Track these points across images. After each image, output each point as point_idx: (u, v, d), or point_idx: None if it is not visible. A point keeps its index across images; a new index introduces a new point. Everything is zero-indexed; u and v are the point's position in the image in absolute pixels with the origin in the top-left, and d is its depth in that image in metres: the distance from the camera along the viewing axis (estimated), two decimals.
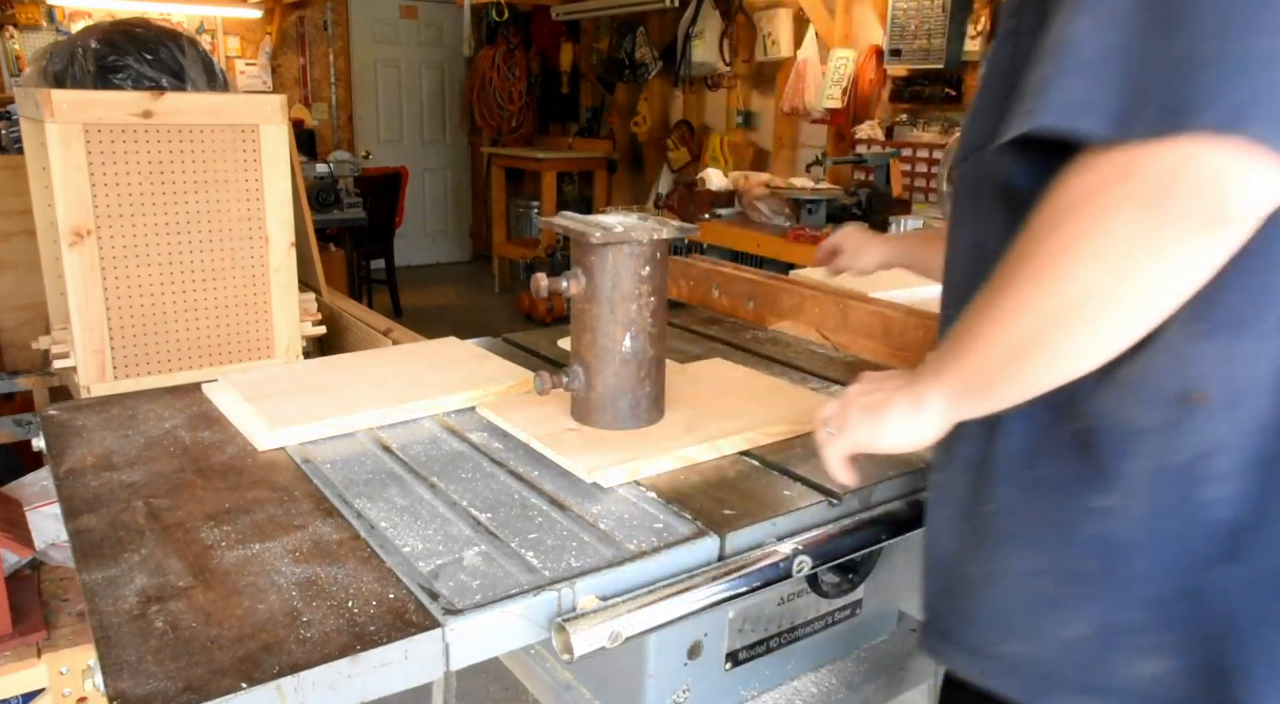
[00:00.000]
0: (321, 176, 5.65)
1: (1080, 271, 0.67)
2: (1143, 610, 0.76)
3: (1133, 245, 0.65)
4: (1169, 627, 0.75)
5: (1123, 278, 0.66)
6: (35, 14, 6.07)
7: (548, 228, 1.17)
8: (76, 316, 1.89)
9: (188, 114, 1.93)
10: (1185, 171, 0.62)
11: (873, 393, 0.89)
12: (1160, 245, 0.64)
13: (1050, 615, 0.80)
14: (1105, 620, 0.77)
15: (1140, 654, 0.76)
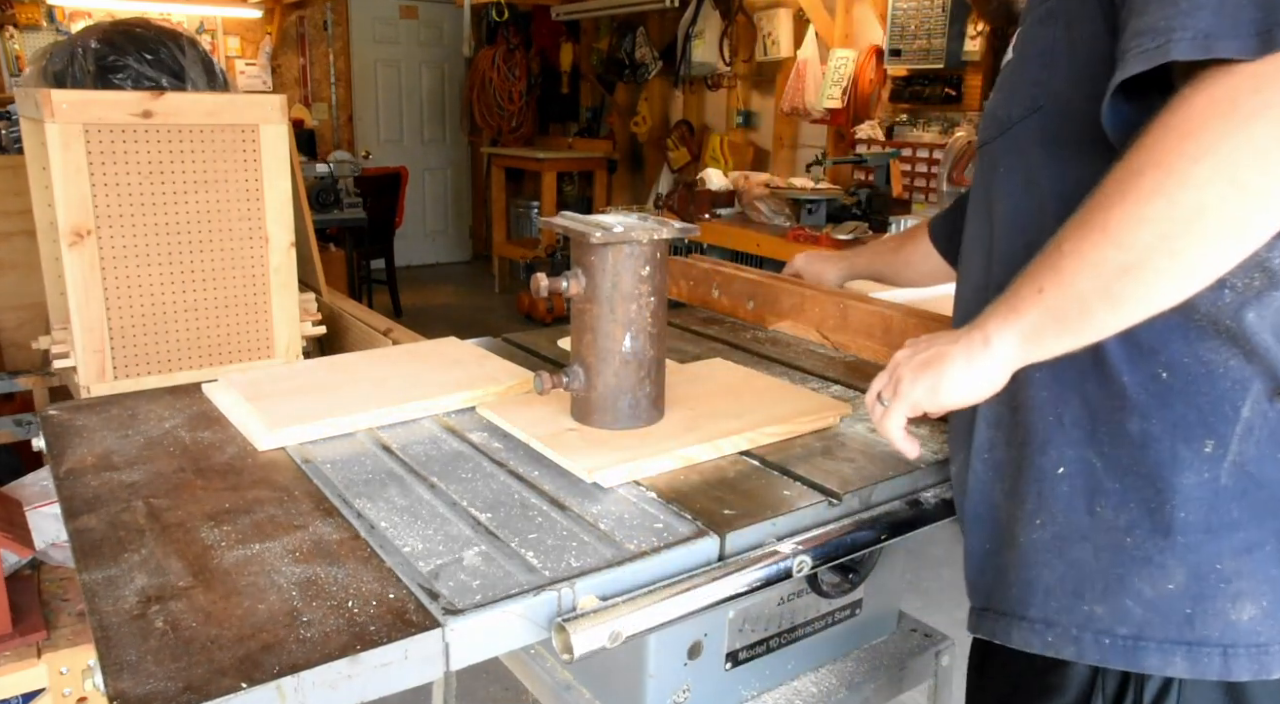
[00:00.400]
0: (321, 176, 5.66)
1: (1205, 180, 0.65)
2: (1236, 557, 0.76)
3: (1266, 154, 0.63)
4: (1262, 568, 0.76)
5: (1247, 187, 0.64)
6: (35, 14, 6.07)
7: (548, 228, 1.17)
8: (76, 317, 1.89)
9: (188, 114, 1.93)
10: None
11: (924, 350, 0.87)
12: None
13: (1142, 571, 0.79)
14: (1200, 571, 0.77)
15: (1235, 600, 0.76)
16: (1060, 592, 0.83)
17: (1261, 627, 0.77)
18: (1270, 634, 0.77)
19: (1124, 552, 0.80)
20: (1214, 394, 0.77)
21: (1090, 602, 0.81)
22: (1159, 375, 0.78)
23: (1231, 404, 0.77)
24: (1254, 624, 0.77)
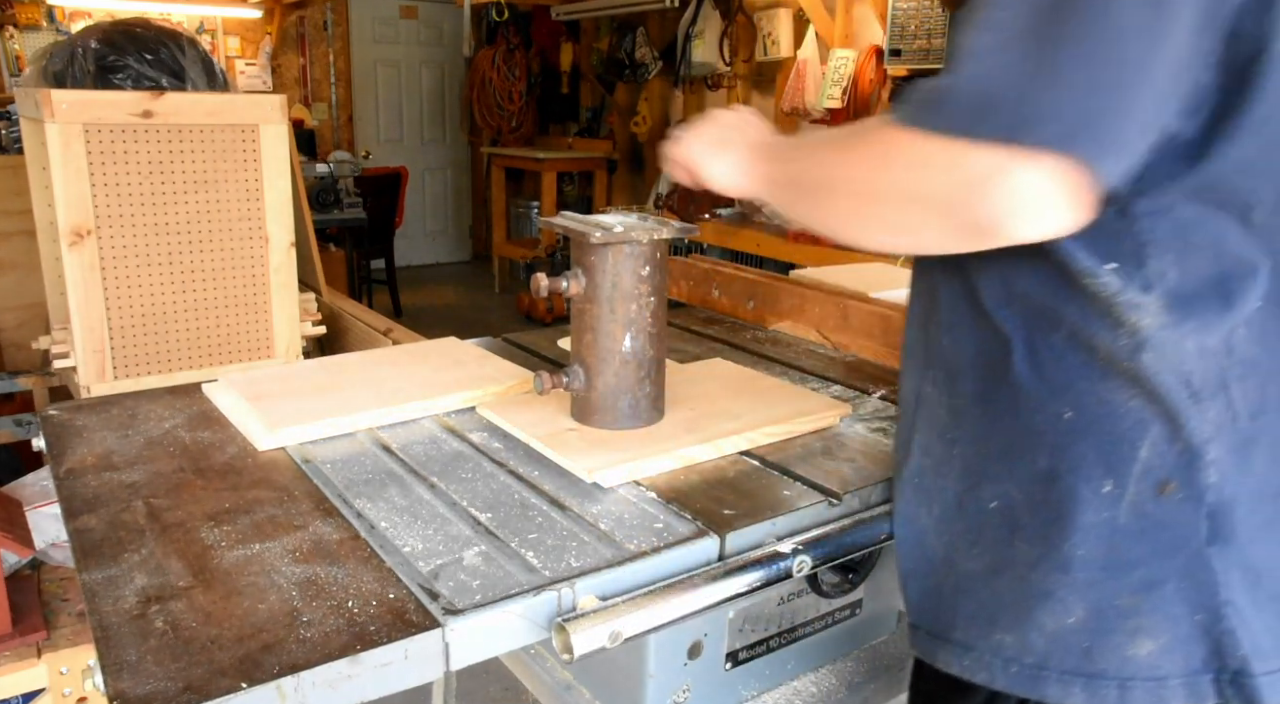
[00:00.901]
0: (321, 176, 5.66)
1: (859, 175, 0.82)
2: (1135, 594, 0.79)
3: (909, 203, 0.77)
4: (1161, 607, 0.78)
5: (862, 195, 0.82)
6: (35, 14, 6.07)
7: (548, 228, 1.17)
8: (76, 317, 1.89)
9: (188, 114, 1.93)
10: (987, 184, 0.70)
11: (729, 138, 1.03)
12: (925, 218, 0.76)
13: (1044, 605, 0.82)
14: (1099, 606, 0.80)
15: (1133, 636, 0.79)
16: (978, 619, 0.87)
17: (1160, 661, 0.79)
18: (1169, 668, 0.79)
19: (1029, 584, 0.83)
20: (1114, 434, 0.79)
21: (1001, 630, 0.84)
22: (1064, 414, 0.81)
23: (1130, 445, 0.79)
24: (1152, 659, 0.79)
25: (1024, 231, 0.72)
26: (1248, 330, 0.78)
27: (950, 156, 0.72)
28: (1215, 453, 0.78)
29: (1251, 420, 0.78)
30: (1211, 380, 0.78)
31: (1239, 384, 0.78)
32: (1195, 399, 0.77)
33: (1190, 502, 0.78)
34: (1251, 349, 0.78)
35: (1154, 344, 0.77)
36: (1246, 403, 0.78)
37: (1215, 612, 0.78)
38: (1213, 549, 0.78)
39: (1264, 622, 0.79)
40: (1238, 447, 0.78)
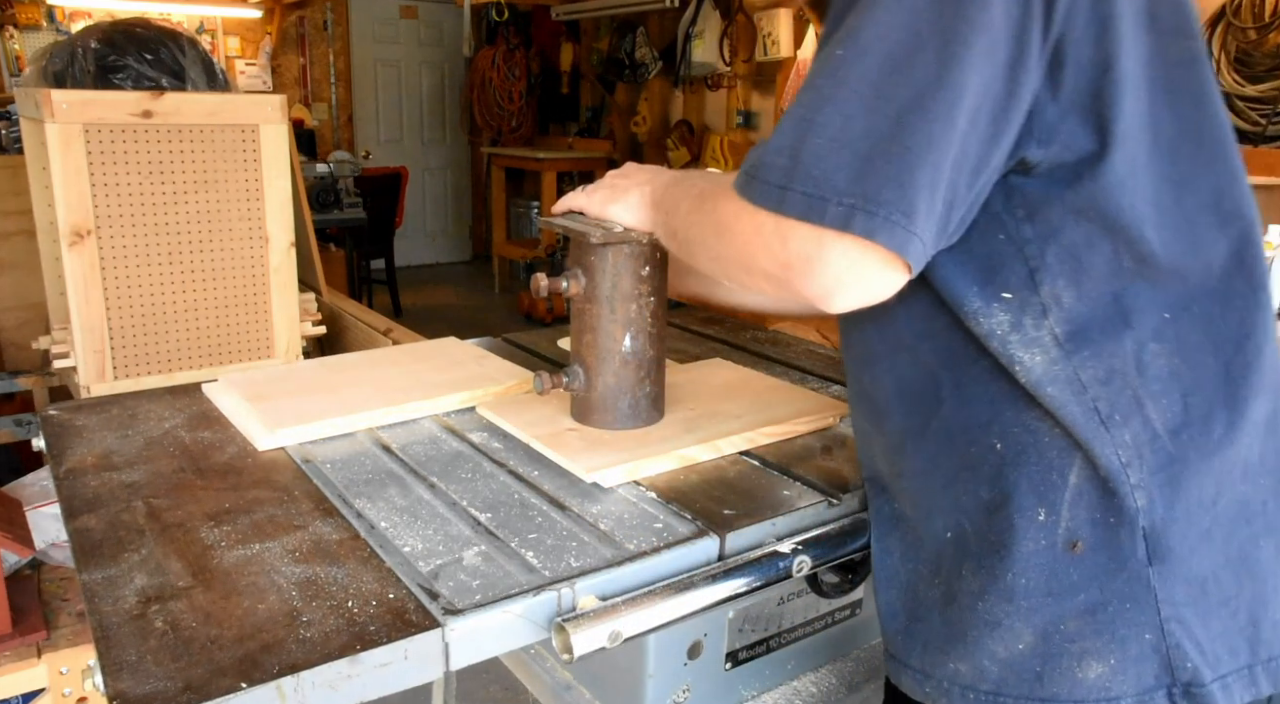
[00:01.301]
0: (321, 176, 5.66)
1: (710, 237, 0.86)
2: (1079, 618, 0.80)
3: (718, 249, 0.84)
4: (1106, 629, 0.79)
5: (717, 258, 0.86)
6: (35, 14, 6.07)
7: (548, 228, 1.17)
8: (76, 317, 1.89)
9: (188, 114, 1.93)
10: (807, 263, 0.74)
11: (623, 186, 1.07)
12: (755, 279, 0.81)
13: (994, 633, 0.82)
14: (1045, 631, 0.80)
15: (1081, 659, 0.79)
16: (932, 647, 0.88)
17: (1110, 683, 0.79)
18: (1120, 689, 0.79)
19: (977, 614, 0.83)
20: (1042, 464, 0.80)
21: (955, 659, 0.85)
22: (995, 446, 0.82)
23: (1059, 473, 0.80)
24: (1102, 680, 0.79)
25: (848, 303, 0.75)
26: (1160, 345, 0.78)
27: (773, 234, 0.75)
28: (1138, 476, 0.78)
29: (1174, 437, 0.78)
30: (1123, 403, 0.78)
31: (1155, 402, 0.78)
32: (1106, 425, 0.78)
33: (1123, 526, 0.78)
34: (1168, 363, 0.78)
35: (1053, 377, 0.78)
36: (1166, 420, 0.78)
37: (1160, 629, 0.78)
38: (1152, 569, 0.78)
39: (1212, 629, 0.79)
40: (1163, 465, 0.78)
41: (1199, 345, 0.79)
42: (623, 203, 1.06)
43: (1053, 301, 0.77)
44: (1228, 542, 0.80)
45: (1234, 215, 0.80)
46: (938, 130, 0.70)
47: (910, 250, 0.71)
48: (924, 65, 0.70)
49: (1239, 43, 3.48)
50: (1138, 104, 0.75)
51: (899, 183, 0.70)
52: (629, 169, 1.12)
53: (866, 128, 0.71)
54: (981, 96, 0.71)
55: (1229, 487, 0.80)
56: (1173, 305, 0.78)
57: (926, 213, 0.71)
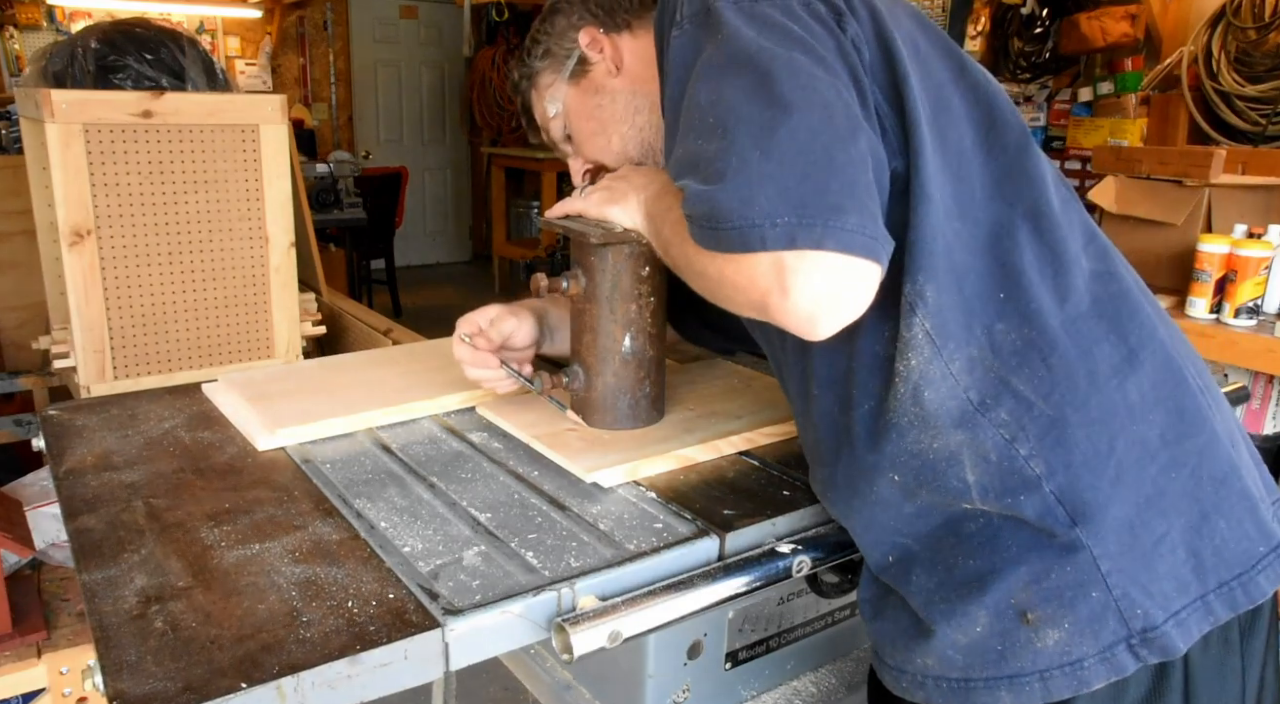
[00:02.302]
0: (321, 176, 5.66)
1: (690, 274, 0.88)
2: (1025, 589, 0.82)
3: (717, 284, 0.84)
4: (1053, 596, 0.81)
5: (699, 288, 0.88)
6: (35, 14, 6.07)
7: (548, 228, 1.17)
8: (76, 317, 1.89)
9: (188, 114, 1.93)
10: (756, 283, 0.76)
11: (620, 190, 1.09)
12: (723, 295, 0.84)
13: (950, 622, 0.84)
14: (997, 609, 0.83)
15: (1036, 629, 0.81)
16: (901, 645, 0.90)
17: (1070, 646, 0.81)
18: (1080, 650, 0.81)
19: (934, 609, 0.86)
20: (938, 478, 0.85)
21: (922, 655, 0.87)
22: (894, 478, 0.88)
23: (958, 477, 0.84)
24: (1060, 646, 0.81)
25: (834, 321, 0.76)
26: (1005, 323, 0.82)
27: (736, 275, 0.78)
28: (1027, 448, 0.81)
29: (1047, 400, 0.81)
30: (990, 384, 0.82)
31: (1017, 374, 0.82)
32: (980, 410, 0.82)
33: (1034, 496, 0.81)
34: (1020, 335, 0.82)
35: (929, 379, 0.82)
36: (1034, 387, 0.82)
37: (1104, 584, 0.80)
38: (1078, 529, 0.80)
39: (1155, 569, 0.81)
40: (1047, 430, 0.81)
41: (1038, 310, 0.82)
42: (621, 205, 1.07)
43: (918, 297, 0.82)
44: (1139, 483, 0.82)
45: (1020, 193, 0.86)
46: (829, 141, 0.74)
47: (860, 246, 0.73)
48: (788, 93, 0.75)
49: (1239, 43, 3.48)
50: (925, 112, 0.84)
51: (820, 191, 0.73)
52: (626, 171, 1.12)
53: (765, 155, 0.74)
54: (848, 107, 0.77)
55: (1121, 431, 0.82)
56: (1002, 284, 0.83)
57: (857, 211, 0.73)
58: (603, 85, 1.13)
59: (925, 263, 0.81)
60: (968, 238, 0.84)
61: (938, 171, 0.83)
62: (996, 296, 0.83)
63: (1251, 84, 3.45)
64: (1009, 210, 0.85)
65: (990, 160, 0.87)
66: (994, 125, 0.89)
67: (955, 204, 0.84)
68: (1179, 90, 3.66)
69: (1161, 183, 2.56)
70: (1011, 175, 0.87)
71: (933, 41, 0.92)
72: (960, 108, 0.89)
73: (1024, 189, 0.87)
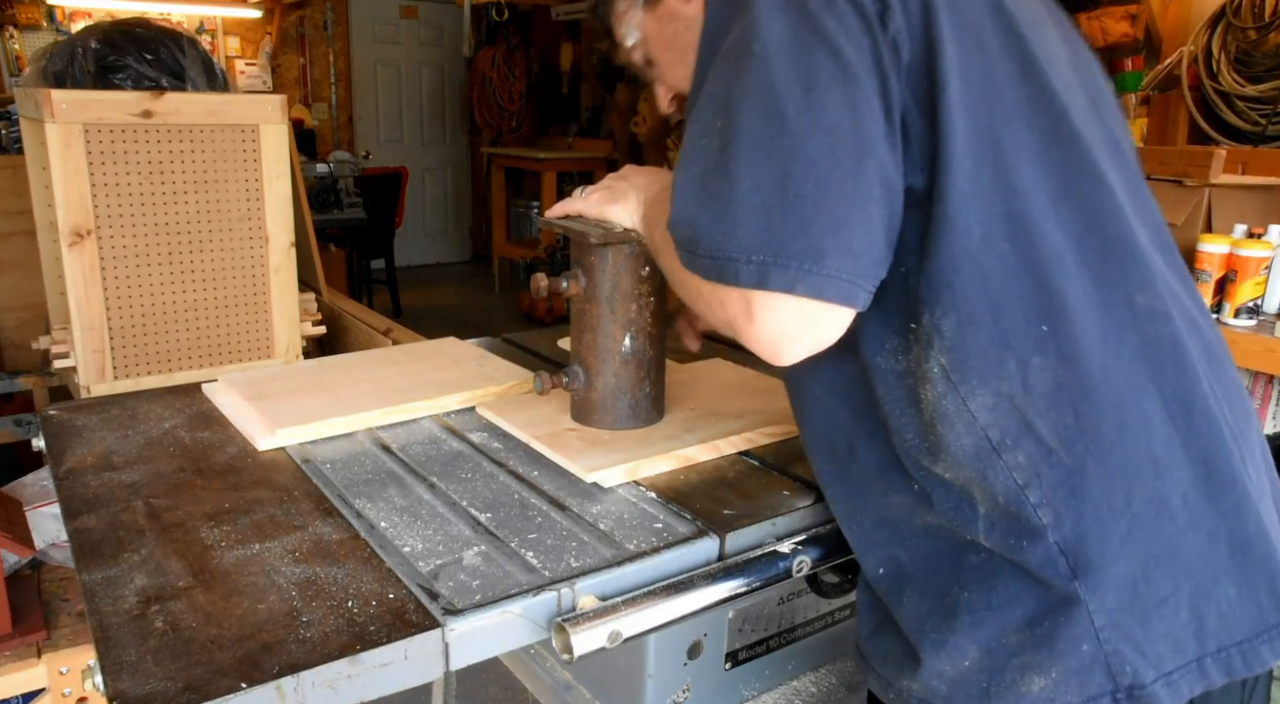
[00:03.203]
0: (321, 176, 5.66)
1: (675, 283, 0.91)
2: (1019, 631, 0.80)
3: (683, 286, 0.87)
4: (1045, 643, 0.79)
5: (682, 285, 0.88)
6: (35, 14, 6.06)
7: (547, 228, 1.17)
8: (76, 316, 1.89)
9: (188, 114, 1.93)
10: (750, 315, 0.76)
11: (621, 189, 1.09)
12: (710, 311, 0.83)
13: (939, 653, 0.83)
14: (989, 646, 0.81)
15: (1023, 672, 0.80)
16: (891, 661, 0.89)
17: (1054, 695, 0.79)
18: (1064, 700, 0.79)
19: (924, 636, 0.84)
20: (950, 502, 0.82)
21: (908, 678, 0.86)
22: (914, 488, 0.85)
23: (970, 505, 0.81)
24: (1045, 693, 0.79)
25: (796, 355, 0.77)
26: (1044, 358, 0.77)
27: (711, 297, 0.78)
28: (1038, 495, 0.77)
29: (1069, 449, 0.77)
30: (1012, 426, 0.78)
31: (1044, 418, 0.78)
32: (999, 451, 0.78)
33: (1037, 544, 0.78)
34: (1055, 375, 0.77)
35: (943, 412, 0.79)
36: (1058, 434, 0.77)
37: (1096, 638, 0.78)
38: (1078, 583, 0.77)
39: (1152, 629, 0.78)
40: (1063, 480, 0.77)
41: (1079, 351, 0.78)
42: (621, 205, 1.07)
43: (934, 332, 0.78)
44: (1151, 542, 0.78)
45: (1074, 215, 0.80)
46: (824, 173, 0.72)
47: (832, 292, 0.72)
48: (796, 115, 0.72)
49: (1239, 43, 3.48)
50: (970, 122, 0.77)
51: (799, 231, 0.71)
52: (627, 171, 1.12)
53: (754, 184, 0.72)
54: (860, 129, 0.73)
55: (1141, 487, 0.78)
56: (1047, 312, 0.78)
57: (839, 253, 0.71)
58: (677, 12, 1.06)
59: (944, 295, 0.77)
60: (1014, 262, 0.77)
61: (977, 189, 0.77)
62: (1039, 328, 0.78)
63: (1251, 84, 3.45)
64: (1063, 232, 0.79)
65: (1050, 175, 0.80)
66: (1058, 133, 0.81)
67: (1004, 223, 0.78)
68: (1179, 90, 3.66)
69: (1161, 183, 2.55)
70: (1069, 193, 0.80)
71: (1007, 31, 0.83)
72: (1024, 111, 0.81)
73: (1081, 209, 0.80)
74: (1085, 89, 0.89)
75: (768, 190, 0.72)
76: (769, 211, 0.72)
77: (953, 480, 0.81)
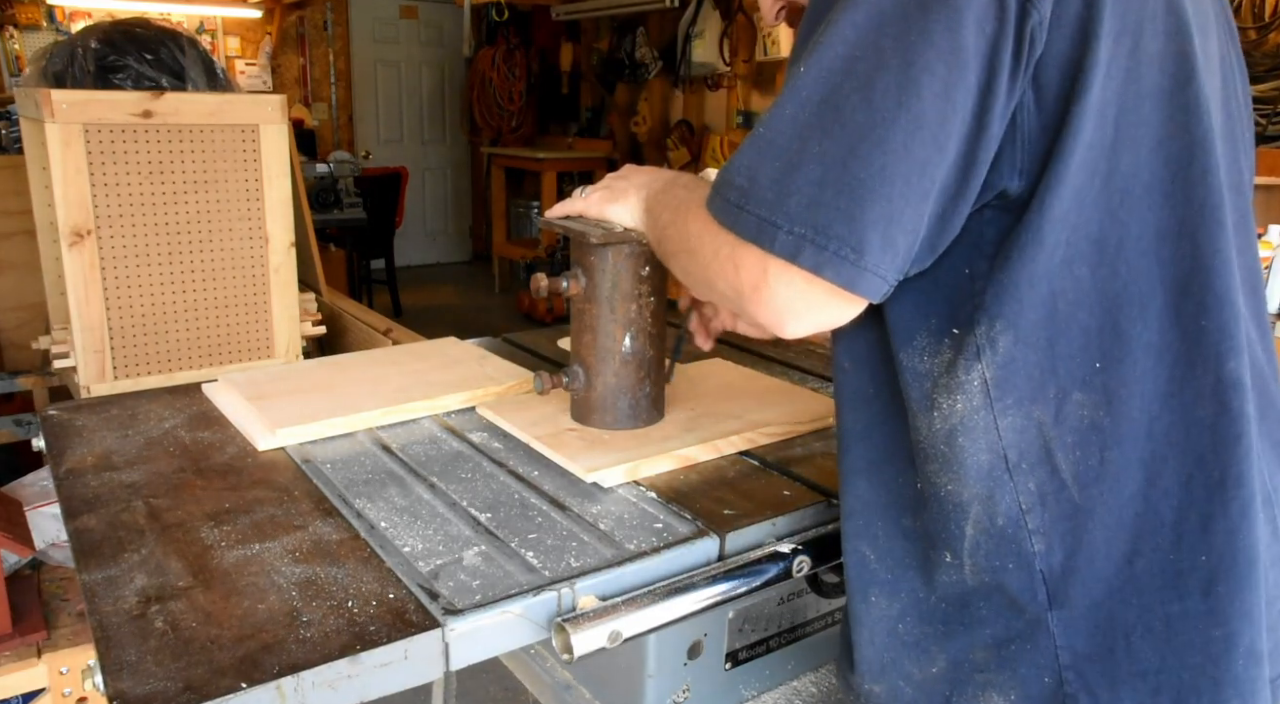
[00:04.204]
0: (321, 176, 5.66)
1: (682, 253, 0.87)
2: (986, 649, 0.79)
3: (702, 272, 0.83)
4: (1008, 665, 0.78)
5: (687, 273, 0.87)
6: (35, 14, 6.06)
7: (547, 228, 1.17)
8: (76, 317, 1.89)
9: (188, 114, 1.93)
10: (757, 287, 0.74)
11: (621, 189, 1.08)
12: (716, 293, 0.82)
13: (911, 654, 0.83)
14: (957, 658, 0.80)
15: (984, 689, 0.79)
16: (858, 665, 0.88)
17: None
18: None
19: (895, 637, 0.84)
20: (941, 514, 0.79)
21: (870, 681, 0.86)
22: (916, 484, 0.82)
23: (957, 524, 0.78)
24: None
25: (799, 331, 0.75)
26: (1085, 395, 0.74)
27: (728, 259, 0.76)
28: (1037, 522, 0.75)
29: (1083, 489, 0.74)
30: (1032, 451, 0.75)
31: (1067, 452, 0.74)
32: (1012, 473, 0.75)
33: (1022, 569, 0.76)
34: (1092, 415, 0.74)
35: (970, 426, 0.75)
36: (1078, 471, 0.74)
37: (1058, 677, 0.76)
38: (1051, 614, 0.76)
39: (1118, 696, 0.75)
40: (1067, 515, 0.75)
41: (1128, 398, 0.74)
42: (621, 204, 1.07)
43: (987, 343, 0.74)
44: (1148, 610, 0.75)
45: (1180, 260, 0.74)
46: (892, 162, 0.67)
47: (861, 285, 0.70)
48: (883, 91, 0.67)
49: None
50: (1098, 135, 0.71)
51: (849, 216, 0.68)
52: (627, 170, 1.12)
53: (821, 153, 0.69)
54: (945, 124, 0.67)
55: (1154, 550, 0.74)
56: (1106, 354, 0.74)
57: (881, 247, 0.69)
58: None
59: (1009, 310, 0.72)
60: (1089, 290, 0.72)
61: (1079, 206, 0.71)
62: (1091, 364, 0.73)
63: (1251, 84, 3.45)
64: (1160, 272, 0.73)
65: (1165, 206, 0.73)
66: (1191, 164, 0.73)
67: (1092, 248, 0.72)
68: None
69: None
70: (1183, 233, 0.73)
71: (1174, 31, 0.74)
72: (1158, 132, 0.73)
73: (1192, 254, 0.73)
74: (1228, 106, 0.82)
75: (830, 163, 0.68)
76: (824, 186, 0.68)
77: (953, 492, 0.78)
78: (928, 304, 0.77)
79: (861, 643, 0.88)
